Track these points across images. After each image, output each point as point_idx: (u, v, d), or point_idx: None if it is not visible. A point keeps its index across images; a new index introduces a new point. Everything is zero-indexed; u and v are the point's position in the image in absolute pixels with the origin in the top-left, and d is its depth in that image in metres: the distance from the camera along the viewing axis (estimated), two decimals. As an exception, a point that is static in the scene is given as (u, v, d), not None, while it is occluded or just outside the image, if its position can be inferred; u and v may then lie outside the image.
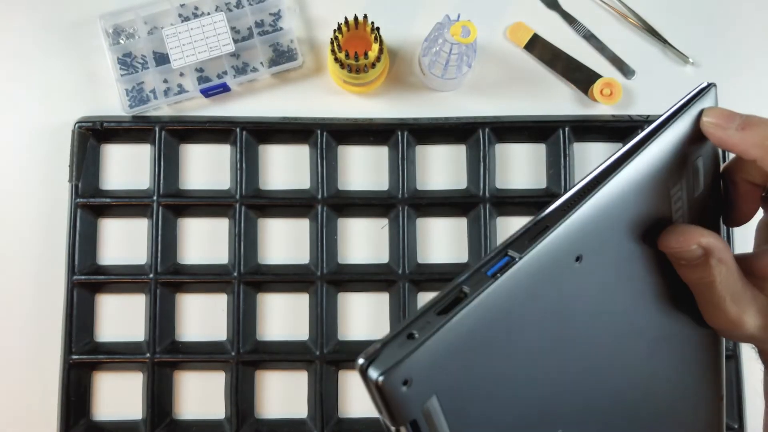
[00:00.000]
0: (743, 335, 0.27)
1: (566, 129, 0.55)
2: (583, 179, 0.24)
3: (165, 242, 0.55)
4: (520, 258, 0.21)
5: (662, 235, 0.26)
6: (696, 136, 0.26)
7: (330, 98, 0.57)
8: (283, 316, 0.56)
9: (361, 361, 0.19)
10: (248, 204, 0.55)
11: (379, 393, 0.19)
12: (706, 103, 0.27)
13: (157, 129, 0.55)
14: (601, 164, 0.24)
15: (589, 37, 0.58)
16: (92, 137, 0.55)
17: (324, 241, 0.55)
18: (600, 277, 0.24)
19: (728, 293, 0.26)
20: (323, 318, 0.54)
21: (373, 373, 0.19)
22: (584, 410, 0.26)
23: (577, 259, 0.23)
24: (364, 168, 0.57)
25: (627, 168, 0.23)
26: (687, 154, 0.26)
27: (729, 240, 0.55)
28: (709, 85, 0.27)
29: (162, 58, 0.55)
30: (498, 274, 0.21)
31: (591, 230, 0.23)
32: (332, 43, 0.51)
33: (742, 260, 0.28)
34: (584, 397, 0.26)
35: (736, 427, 0.53)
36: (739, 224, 0.30)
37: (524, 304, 0.22)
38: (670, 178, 0.26)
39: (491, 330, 0.21)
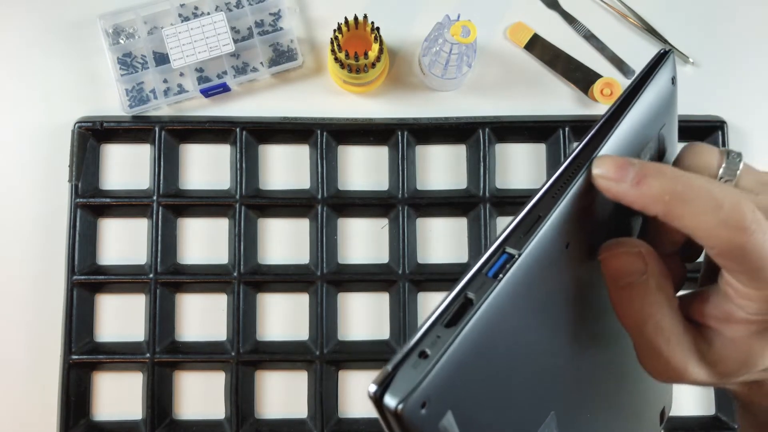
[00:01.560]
0: (691, 382, 0.24)
1: (566, 129, 0.55)
2: (563, 163, 0.23)
3: (165, 242, 0.55)
4: (520, 255, 0.20)
5: (603, 247, 0.24)
6: (662, 108, 0.26)
7: (330, 98, 0.57)
8: (283, 316, 0.56)
9: (373, 388, 0.18)
10: (248, 204, 0.55)
11: (398, 421, 0.18)
12: (666, 72, 0.26)
13: (157, 129, 0.55)
14: (577, 146, 0.24)
15: (589, 37, 0.58)
16: (92, 137, 0.55)
17: (324, 241, 0.55)
18: (583, 257, 0.24)
19: (672, 334, 0.24)
20: (323, 318, 0.54)
21: (391, 402, 0.18)
22: (575, 386, 0.26)
23: (567, 245, 0.23)
24: (364, 168, 0.57)
25: (603, 149, 0.23)
26: (653, 125, 0.26)
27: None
28: (667, 53, 0.26)
29: (162, 58, 0.55)
30: (500, 275, 0.20)
31: (577, 215, 0.23)
32: (332, 43, 0.51)
33: (681, 303, 0.25)
34: (576, 374, 0.26)
35: (736, 427, 0.53)
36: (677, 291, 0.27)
37: (525, 299, 0.21)
38: (640, 151, 0.26)
39: (498, 332, 0.21)
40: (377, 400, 0.18)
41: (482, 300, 0.20)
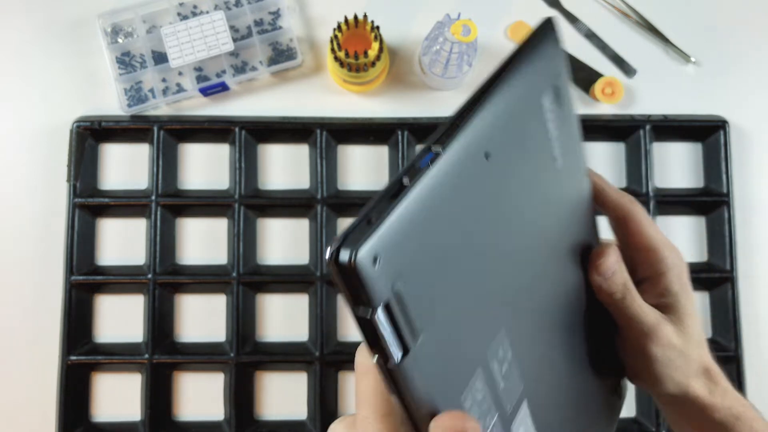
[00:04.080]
0: None
1: (567, 128, 0.55)
2: (485, 81, 0.26)
3: (163, 242, 0.54)
4: (443, 151, 0.23)
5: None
6: (549, 72, 0.28)
7: (329, 97, 0.57)
8: (283, 317, 0.55)
9: (329, 251, 0.20)
10: (247, 204, 0.55)
11: (353, 273, 0.20)
12: (549, 39, 0.28)
13: (155, 128, 0.54)
14: (490, 74, 0.26)
15: (591, 36, 0.58)
16: (90, 137, 0.55)
17: (323, 242, 0.54)
18: (507, 175, 0.27)
19: None
20: (323, 319, 0.54)
21: (345, 254, 0.20)
22: (520, 306, 0.28)
23: (486, 156, 0.25)
24: (364, 168, 0.57)
25: (508, 78, 0.26)
26: (539, 88, 0.28)
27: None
28: (549, 20, 0.28)
29: (161, 57, 0.55)
30: (429, 165, 0.23)
31: (493, 129, 0.25)
32: (332, 41, 0.51)
33: None
34: (519, 293, 0.28)
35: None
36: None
37: (454, 194, 0.24)
38: (541, 95, 0.28)
39: (436, 214, 0.23)
40: (335, 258, 0.20)
41: (417, 178, 0.22)
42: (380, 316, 0.21)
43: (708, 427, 0.32)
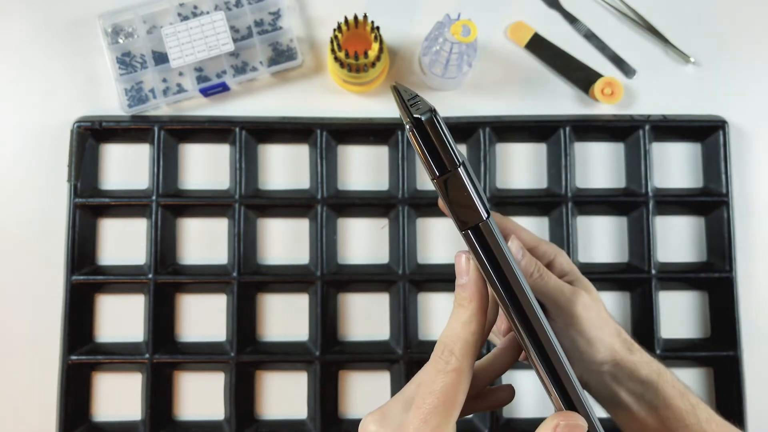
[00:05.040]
0: None
1: (567, 128, 0.55)
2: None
3: (164, 242, 0.54)
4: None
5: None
6: None
7: (330, 98, 0.57)
8: (283, 317, 0.55)
9: (407, 125, 0.23)
10: (248, 204, 0.55)
11: (436, 129, 0.23)
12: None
13: (156, 129, 0.55)
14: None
15: (590, 37, 0.58)
16: (91, 137, 0.55)
17: (324, 241, 0.54)
18: None
19: None
20: (323, 319, 0.54)
21: (425, 116, 0.23)
22: None
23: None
24: (364, 168, 0.57)
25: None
26: None
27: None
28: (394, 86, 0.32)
29: (161, 58, 0.55)
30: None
31: None
32: (332, 42, 0.51)
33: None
34: None
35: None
36: None
37: None
38: None
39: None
40: (417, 123, 0.23)
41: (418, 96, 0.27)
42: (463, 172, 0.24)
43: (639, 388, 0.35)
